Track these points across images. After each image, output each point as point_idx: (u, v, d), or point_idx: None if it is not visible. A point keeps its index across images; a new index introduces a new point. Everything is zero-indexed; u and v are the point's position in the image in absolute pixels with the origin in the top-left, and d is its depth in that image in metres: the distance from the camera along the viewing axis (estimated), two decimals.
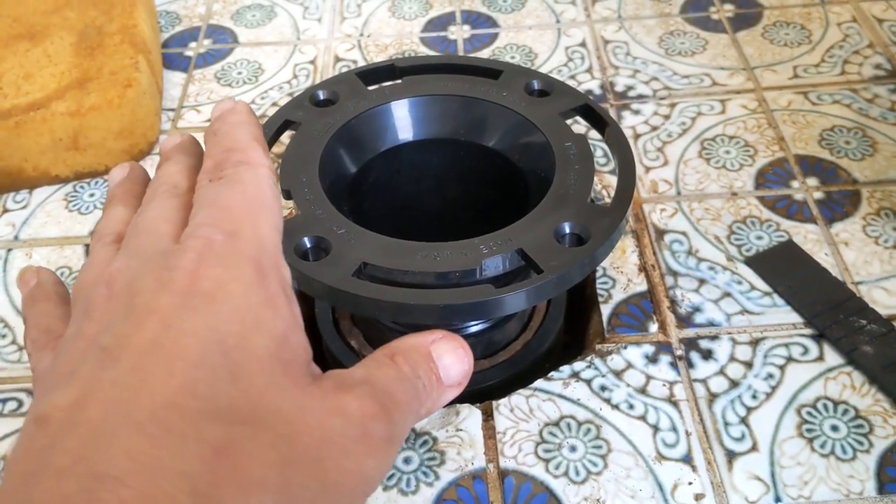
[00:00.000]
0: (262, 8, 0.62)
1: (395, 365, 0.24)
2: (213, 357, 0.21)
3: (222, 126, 0.27)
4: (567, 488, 0.33)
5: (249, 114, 0.28)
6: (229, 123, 0.27)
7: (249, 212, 0.24)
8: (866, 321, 0.37)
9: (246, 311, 0.22)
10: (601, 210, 0.33)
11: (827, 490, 0.32)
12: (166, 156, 0.29)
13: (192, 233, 0.23)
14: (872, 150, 0.46)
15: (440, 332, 0.26)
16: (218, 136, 0.27)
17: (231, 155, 0.26)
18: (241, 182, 0.25)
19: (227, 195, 0.24)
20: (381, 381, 0.24)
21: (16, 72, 0.48)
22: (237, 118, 0.28)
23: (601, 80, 0.53)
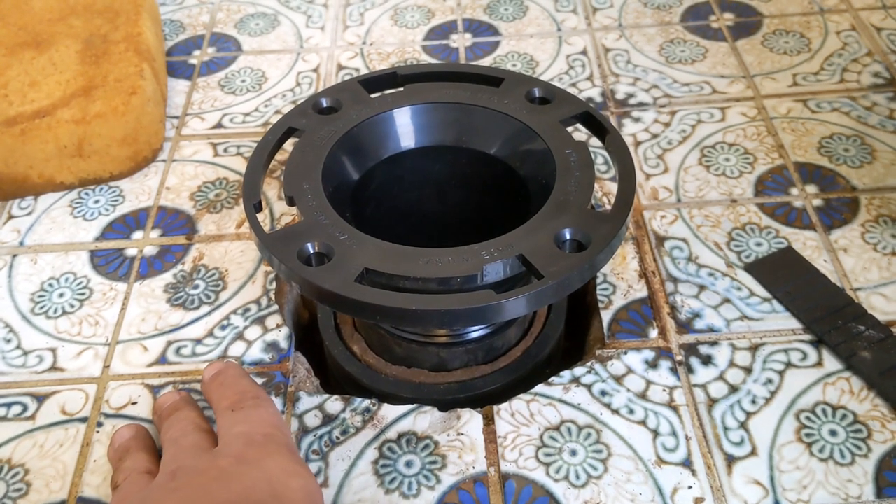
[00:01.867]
0: (265, 17, 0.63)
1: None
2: (261, 485, 0.29)
3: (226, 378, 0.36)
4: (567, 492, 0.33)
5: (241, 368, 0.37)
6: (231, 375, 0.36)
7: (276, 424, 0.33)
8: (865, 327, 0.37)
9: (287, 467, 0.30)
10: (601, 217, 0.33)
11: (825, 494, 0.32)
12: (175, 406, 0.36)
13: (235, 437, 0.31)
14: (871, 158, 0.47)
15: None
16: (226, 385, 0.35)
17: (245, 394, 0.34)
18: (264, 408, 0.33)
19: (255, 415, 0.33)
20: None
21: (21, 80, 0.49)
22: (236, 371, 0.36)
23: (602, 88, 0.53)
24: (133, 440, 0.35)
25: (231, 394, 0.34)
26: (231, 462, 0.30)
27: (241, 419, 0.32)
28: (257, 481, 0.29)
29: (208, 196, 0.48)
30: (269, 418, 0.33)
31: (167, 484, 0.30)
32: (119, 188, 0.48)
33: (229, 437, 0.32)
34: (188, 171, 0.49)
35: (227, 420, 0.33)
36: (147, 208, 0.47)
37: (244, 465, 0.30)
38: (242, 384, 0.35)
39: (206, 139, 0.52)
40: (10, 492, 0.34)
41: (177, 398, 0.36)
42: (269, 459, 0.30)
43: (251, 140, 0.51)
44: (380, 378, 0.39)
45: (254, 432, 0.31)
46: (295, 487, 0.29)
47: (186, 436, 0.33)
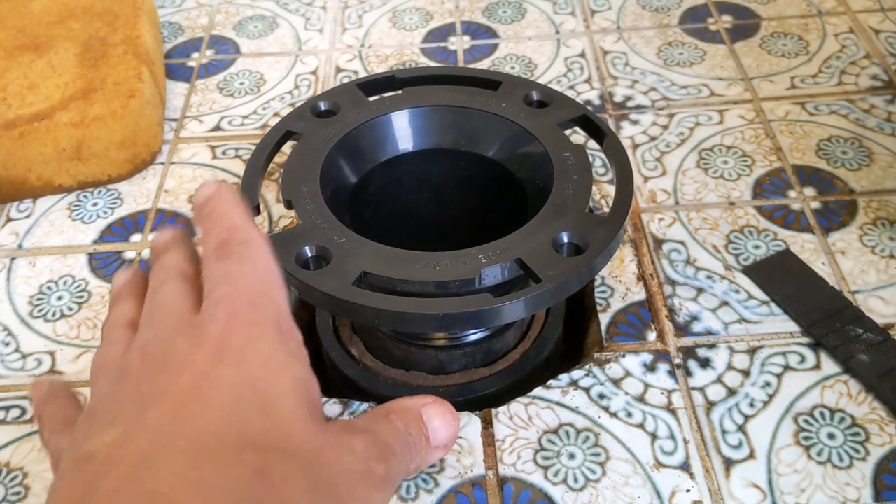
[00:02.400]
0: (264, 19, 0.63)
1: (390, 420, 0.28)
2: (245, 396, 0.24)
3: (216, 208, 0.30)
4: (566, 495, 0.33)
5: (236, 194, 0.31)
6: (222, 204, 0.30)
7: (264, 284, 0.27)
8: (863, 330, 0.38)
9: (272, 361, 0.25)
10: (599, 220, 0.33)
11: (824, 497, 0.32)
12: (162, 248, 0.31)
13: (216, 304, 0.26)
14: (869, 161, 0.47)
15: (431, 397, 0.29)
16: (213, 217, 0.30)
17: (234, 234, 0.29)
18: (251, 259, 0.28)
19: (239, 271, 0.27)
20: (380, 431, 0.27)
21: (20, 82, 0.49)
22: (228, 198, 0.30)
23: (600, 91, 0.53)
24: (125, 286, 0.32)
25: (220, 230, 0.29)
26: (208, 357, 0.25)
27: (225, 275, 0.27)
28: (240, 390, 0.24)
29: None
30: (256, 277, 0.28)
31: (137, 378, 0.25)
32: (117, 191, 0.48)
33: (211, 302, 0.27)
34: (187, 174, 0.49)
35: (211, 271, 0.28)
36: (146, 211, 0.47)
37: (223, 363, 0.25)
38: (233, 218, 0.29)
39: (205, 142, 0.52)
40: (9, 495, 0.34)
41: (168, 237, 0.32)
42: (253, 350, 0.25)
43: (250, 143, 0.51)
44: (378, 381, 0.39)
45: (238, 300, 0.27)
46: (286, 387, 0.25)
47: (165, 288, 0.28)
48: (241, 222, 0.29)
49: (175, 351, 0.25)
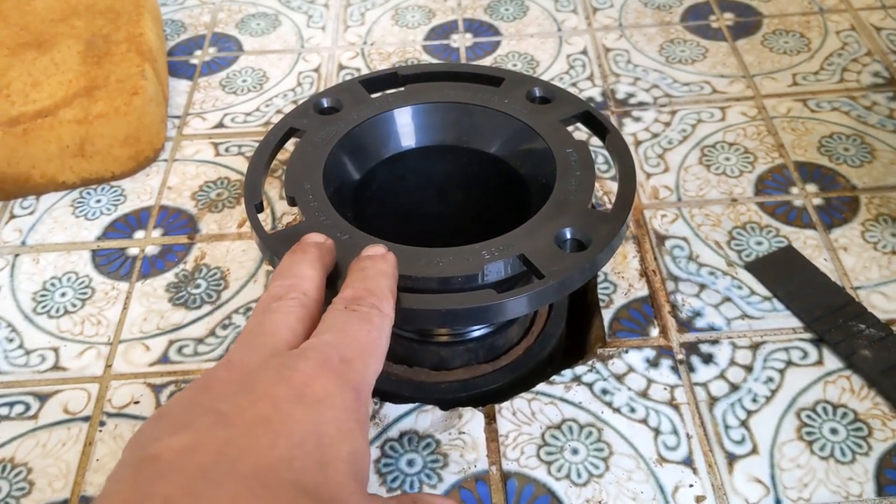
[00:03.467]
0: (266, 17, 0.63)
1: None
2: (309, 445, 0.25)
3: (371, 268, 0.31)
4: (569, 490, 0.33)
5: (394, 267, 0.32)
6: (377, 269, 0.31)
7: (367, 349, 0.28)
8: (865, 325, 0.38)
9: (343, 421, 0.26)
10: (602, 216, 0.33)
11: (826, 492, 0.32)
12: (307, 249, 0.32)
13: (316, 346, 0.28)
14: (871, 157, 0.47)
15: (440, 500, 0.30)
16: (364, 273, 0.31)
17: (370, 296, 0.30)
18: (370, 322, 0.29)
19: (355, 328, 0.29)
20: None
21: (24, 80, 0.49)
22: (384, 268, 0.31)
23: (602, 88, 0.53)
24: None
25: (360, 286, 0.30)
26: (289, 395, 0.26)
27: (340, 326, 0.29)
28: (306, 438, 0.25)
29: (210, 196, 0.48)
30: (363, 337, 0.29)
31: (218, 394, 0.26)
32: (121, 188, 0.49)
33: (313, 343, 0.28)
34: (190, 171, 0.49)
35: (330, 315, 0.29)
36: (149, 208, 0.47)
37: (300, 404, 0.26)
38: (379, 284, 0.31)
39: (208, 139, 0.52)
40: (14, 491, 0.34)
41: (320, 239, 0.33)
42: (329, 406, 0.26)
43: (252, 140, 0.51)
44: (381, 377, 0.39)
45: (336, 352, 0.27)
46: (345, 451, 0.26)
47: (283, 307, 0.29)
48: (383, 291, 0.31)
49: (261, 378, 0.26)
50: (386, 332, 0.30)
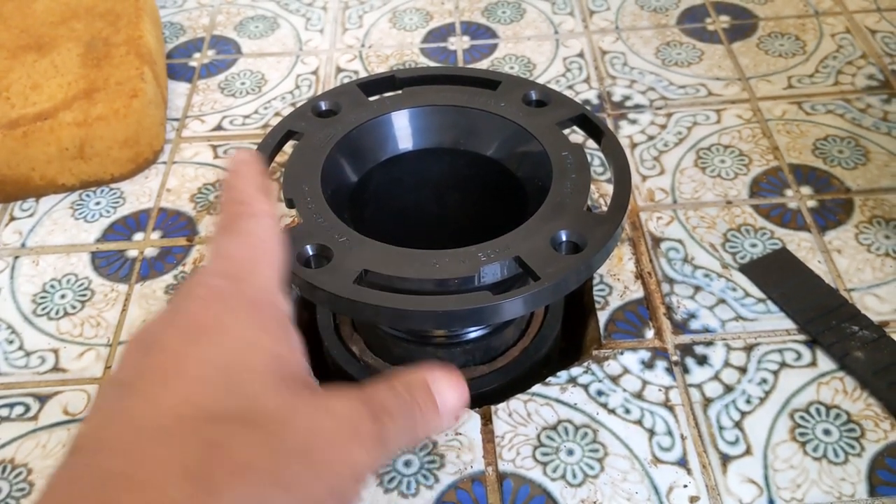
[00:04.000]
0: (265, 19, 0.63)
1: (391, 386, 0.27)
2: (210, 375, 0.24)
3: (231, 180, 0.30)
4: (564, 491, 0.33)
5: (253, 163, 0.31)
6: (237, 177, 0.30)
7: (250, 259, 0.28)
8: (858, 327, 0.38)
9: (241, 337, 0.25)
10: (597, 218, 0.34)
11: (819, 493, 0.33)
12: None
13: (198, 282, 0.27)
14: (865, 160, 0.47)
15: (438, 365, 0.28)
16: (228, 189, 0.30)
17: (239, 208, 0.29)
18: (244, 233, 0.28)
19: (232, 246, 0.28)
20: (373, 392, 0.27)
21: (23, 82, 0.49)
22: (242, 170, 0.30)
23: (598, 90, 0.54)
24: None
25: (228, 206, 0.29)
26: (178, 339, 0.25)
27: (217, 251, 0.28)
28: (204, 370, 0.24)
29: (209, 198, 0.48)
30: (245, 251, 0.28)
31: (122, 366, 0.25)
32: (120, 190, 0.49)
33: (194, 279, 0.27)
34: (189, 173, 0.50)
35: (211, 246, 0.28)
36: (148, 210, 0.48)
37: (191, 344, 0.25)
38: (242, 191, 0.29)
39: (207, 141, 0.52)
40: (14, 492, 0.35)
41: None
42: (221, 329, 0.25)
43: (251, 142, 0.52)
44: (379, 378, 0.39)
45: (218, 276, 0.27)
46: (255, 363, 0.25)
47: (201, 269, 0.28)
48: (247, 195, 0.29)
49: (154, 334, 0.26)
50: (266, 230, 0.28)
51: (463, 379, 0.29)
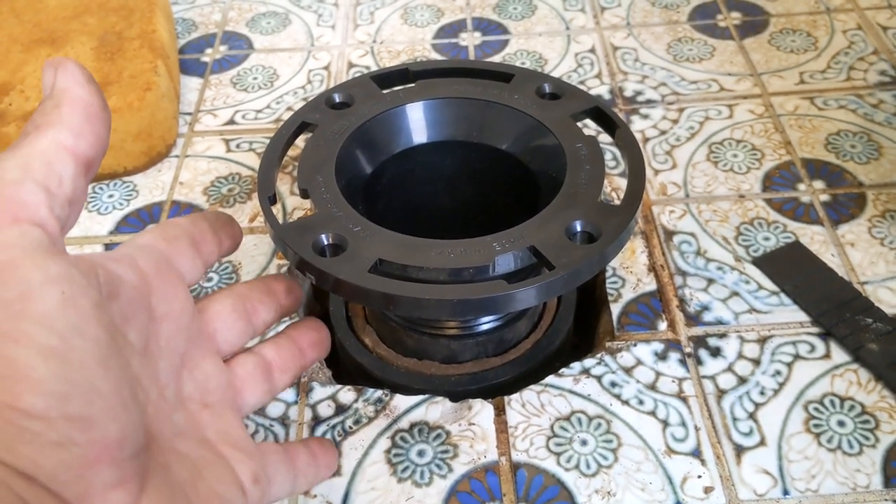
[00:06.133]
0: (276, 15, 0.63)
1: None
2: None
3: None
4: (578, 481, 0.33)
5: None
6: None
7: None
8: (872, 320, 0.38)
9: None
10: (612, 209, 0.34)
11: (834, 483, 0.33)
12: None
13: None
14: (878, 154, 0.47)
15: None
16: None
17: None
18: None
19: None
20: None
21: (37, 75, 0.49)
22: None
23: (610, 86, 0.54)
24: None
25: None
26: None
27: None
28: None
29: (221, 191, 0.48)
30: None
31: None
32: (133, 183, 0.49)
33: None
34: (201, 167, 0.50)
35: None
36: (161, 203, 0.48)
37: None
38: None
39: (219, 135, 0.52)
40: None
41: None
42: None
43: (263, 136, 0.52)
44: (391, 370, 0.39)
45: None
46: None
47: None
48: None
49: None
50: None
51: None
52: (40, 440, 0.20)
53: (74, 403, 0.21)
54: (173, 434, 0.26)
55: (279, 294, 0.33)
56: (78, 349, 0.21)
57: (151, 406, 0.25)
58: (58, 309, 0.21)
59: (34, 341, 0.21)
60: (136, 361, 0.25)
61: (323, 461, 0.33)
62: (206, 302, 0.31)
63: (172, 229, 0.30)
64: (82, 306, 0.22)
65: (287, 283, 0.34)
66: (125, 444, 0.22)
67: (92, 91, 0.25)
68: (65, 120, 0.24)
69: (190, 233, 0.30)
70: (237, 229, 0.33)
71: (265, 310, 0.32)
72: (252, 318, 0.32)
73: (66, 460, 0.20)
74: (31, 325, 0.21)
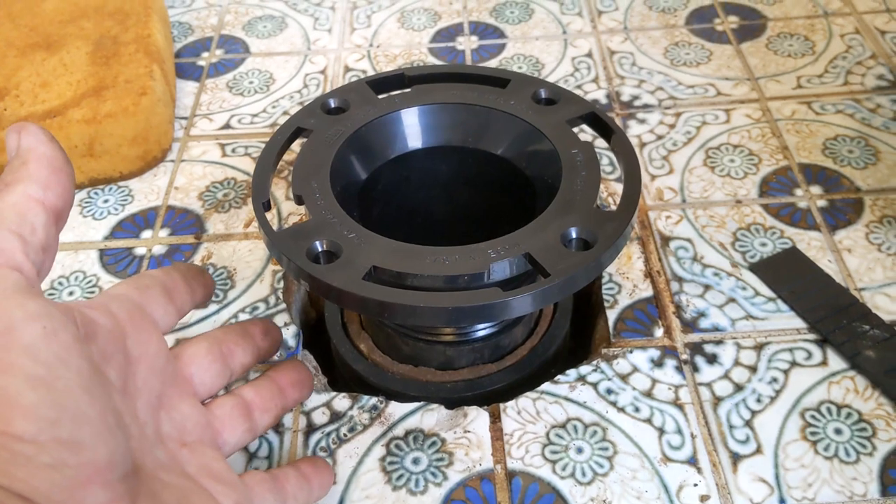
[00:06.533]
0: (273, 19, 0.63)
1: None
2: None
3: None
4: (574, 489, 0.33)
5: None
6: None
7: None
8: (869, 326, 0.38)
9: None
10: (607, 216, 0.33)
11: (830, 492, 0.33)
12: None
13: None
14: (875, 159, 0.47)
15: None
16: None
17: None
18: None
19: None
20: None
21: (33, 80, 0.49)
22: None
23: (607, 90, 0.54)
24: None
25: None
26: None
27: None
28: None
29: (217, 196, 0.48)
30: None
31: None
32: (128, 188, 0.49)
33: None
34: (197, 172, 0.50)
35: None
36: (156, 208, 0.48)
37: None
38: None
39: (215, 140, 0.52)
40: None
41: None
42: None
43: (259, 140, 0.52)
44: (387, 376, 0.39)
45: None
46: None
47: None
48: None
49: None
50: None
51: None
52: (33, 463, 0.21)
53: (64, 428, 0.21)
54: (156, 467, 0.26)
55: (256, 336, 0.34)
56: (63, 378, 0.22)
57: (134, 440, 0.26)
58: (41, 341, 0.22)
59: (21, 370, 0.21)
60: (117, 397, 0.25)
61: (316, 482, 0.32)
62: (181, 347, 0.31)
63: (145, 280, 0.31)
64: (64, 340, 0.23)
65: (264, 326, 0.35)
66: (114, 466, 0.22)
67: (54, 148, 0.26)
68: (33, 175, 0.25)
69: (163, 282, 0.31)
70: (209, 280, 0.34)
71: (242, 352, 0.33)
72: (228, 361, 0.32)
73: (59, 482, 0.21)
74: (17, 356, 0.22)
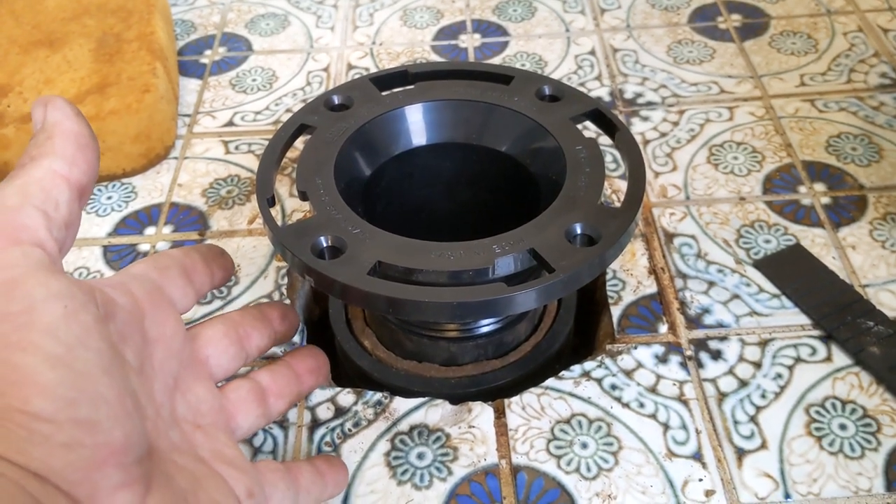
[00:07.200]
0: (275, 17, 0.63)
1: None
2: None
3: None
4: (579, 484, 0.33)
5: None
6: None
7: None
8: (873, 323, 0.38)
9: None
10: (612, 212, 0.33)
11: (836, 487, 0.33)
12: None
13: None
14: (878, 157, 0.47)
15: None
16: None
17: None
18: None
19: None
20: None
21: (36, 77, 0.49)
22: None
23: (610, 88, 0.54)
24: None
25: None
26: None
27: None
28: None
29: (220, 193, 0.48)
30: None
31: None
32: (132, 184, 0.49)
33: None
34: (200, 169, 0.50)
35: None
36: (159, 204, 0.48)
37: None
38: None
39: (218, 137, 0.52)
40: None
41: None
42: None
43: (262, 138, 0.52)
44: (391, 372, 0.39)
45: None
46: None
47: None
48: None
49: None
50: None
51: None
52: (50, 442, 0.21)
53: (81, 408, 0.21)
54: (171, 449, 0.26)
55: (273, 320, 0.34)
56: (82, 359, 0.22)
57: (149, 422, 0.26)
58: (61, 321, 0.22)
59: (41, 350, 0.21)
60: (134, 378, 0.25)
61: (331, 479, 0.32)
62: (198, 328, 0.31)
63: (164, 259, 0.31)
64: (84, 320, 0.23)
65: (281, 310, 0.34)
66: (130, 448, 0.22)
67: (81, 123, 0.27)
68: (58, 150, 0.26)
69: (182, 263, 0.31)
70: (229, 261, 0.34)
71: (258, 335, 0.33)
72: (244, 344, 0.32)
73: (75, 461, 0.21)
74: (38, 335, 0.22)
